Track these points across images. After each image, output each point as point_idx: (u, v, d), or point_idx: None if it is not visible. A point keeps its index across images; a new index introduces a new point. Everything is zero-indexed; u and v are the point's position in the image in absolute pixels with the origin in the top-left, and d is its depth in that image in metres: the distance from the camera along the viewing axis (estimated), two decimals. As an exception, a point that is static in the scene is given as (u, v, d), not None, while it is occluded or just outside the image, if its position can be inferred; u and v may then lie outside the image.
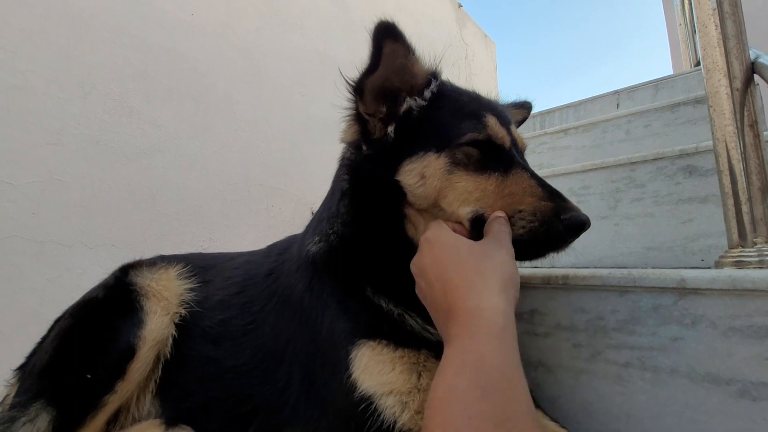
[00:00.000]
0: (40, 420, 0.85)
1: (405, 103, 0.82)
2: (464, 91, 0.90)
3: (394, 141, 0.82)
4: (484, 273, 0.65)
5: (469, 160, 0.78)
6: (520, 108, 1.15)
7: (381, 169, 0.82)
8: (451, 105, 0.84)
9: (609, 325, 0.92)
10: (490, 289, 0.63)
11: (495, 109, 0.86)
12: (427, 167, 0.79)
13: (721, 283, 0.78)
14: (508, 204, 0.76)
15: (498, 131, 0.81)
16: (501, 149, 0.82)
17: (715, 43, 1.06)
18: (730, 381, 0.77)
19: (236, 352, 0.95)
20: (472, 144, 0.79)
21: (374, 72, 0.79)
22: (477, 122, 0.80)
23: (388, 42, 0.76)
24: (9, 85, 1.44)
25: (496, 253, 0.68)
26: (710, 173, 1.34)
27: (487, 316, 0.59)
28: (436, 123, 0.82)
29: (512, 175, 0.79)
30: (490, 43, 4.66)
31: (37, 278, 1.43)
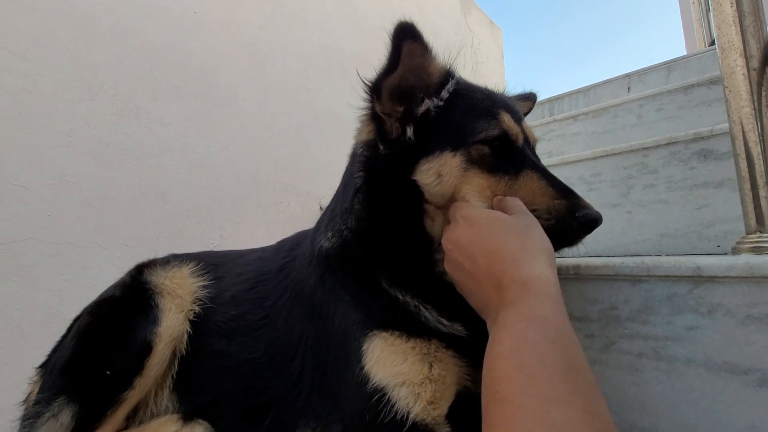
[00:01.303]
0: (63, 415, 0.88)
1: (423, 104, 0.83)
2: (477, 87, 0.90)
3: (416, 140, 0.82)
4: (530, 246, 0.67)
5: (483, 158, 0.80)
6: (526, 100, 1.14)
7: (397, 167, 0.83)
8: (466, 103, 0.84)
9: (622, 315, 0.91)
10: (538, 261, 0.65)
11: (508, 106, 0.86)
12: (443, 166, 0.80)
13: (739, 270, 0.77)
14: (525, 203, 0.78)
15: (512, 127, 0.82)
16: (514, 146, 0.82)
17: (731, 21, 1.02)
18: (748, 370, 0.76)
19: (250, 347, 0.97)
20: (486, 142, 0.79)
21: (393, 72, 0.79)
22: (492, 119, 0.81)
23: (407, 42, 0.77)
24: (19, 89, 1.46)
25: (534, 227, 0.70)
26: (726, 157, 1.31)
27: (543, 282, 0.62)
28: (451, 122, 0.82)
29: (523, 176, 0.80)
30: (496, 30, 4.57)
31: (54, 278, 1.46)
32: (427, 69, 0.82)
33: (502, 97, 0.91)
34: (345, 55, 2.73)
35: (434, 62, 0.82)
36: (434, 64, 0.82)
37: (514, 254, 0.66)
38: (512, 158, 0.81)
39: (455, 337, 0.79)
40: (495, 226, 0.71)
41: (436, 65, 0.83)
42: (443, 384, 0.76)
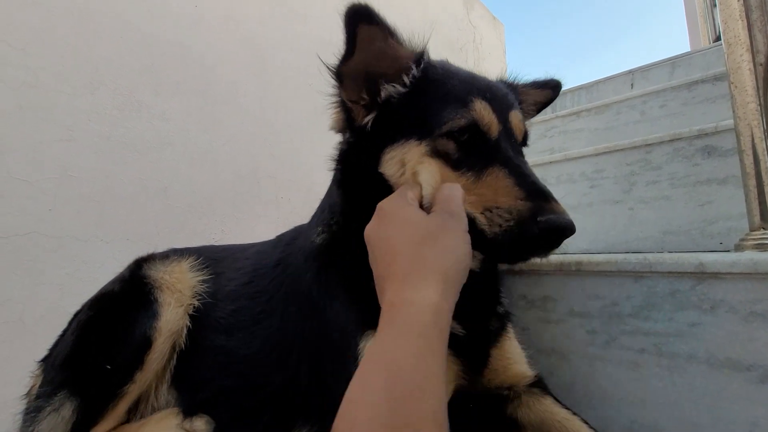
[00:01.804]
0: (64, 409, 0.89)
1: (383, 91, 0.77)
2: (458, 72, 0.82)
3: (376, 129, 0.78)
4: (425, 259, 0.60)
5: (448, 150, 0.73)
6: (542, 88, 1.00)
7: (365, 157, 0.79)
8: (439, 89, 0.77)
9: (624, 311, 0.91)
10: (427, 279, 0.58)
11: (488, 93, 0.77)
12: (407, 154, 0.75)
13: (742, 267, 0.76)
14: (480, 202, 0.70)
15: (483, 117, 0.73)
16: (485, 138, 0.74)
17: (738, 16, 1.01)
18: (751, 366, 0.75)
19: (248, 342, 0.97)
20: (451, 134, 0.73)
21: (350, 58, 0.75)
22: (461, 108, 0.73)
23: (362, 26, 0.71)
24: (21, 83, 1.46)
25: (444, 233, 0.62)
26: (730, 153, 1.30)
27: (414, 311, 0.55)
28: (420, 109, 0.76)
29: (488, 173, 0.71)
30: (498, 26, 4.54)
31: (56, 272, 1.47)
32: (392, 54, 0.76)
33: (487, 83, 0.82)
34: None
35: (401, 46, 0.76)
36: (401, 49, 0.76)
37: (403, 269, 0.60)
38: (481, 152, 0.73)
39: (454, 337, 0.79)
40: (401, 229, 0.64)
41: (404, 49, 0.76)
42: None
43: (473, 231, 0.67)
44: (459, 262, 0.61)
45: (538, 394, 0.87)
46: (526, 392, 0.87)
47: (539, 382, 0.89)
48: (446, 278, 0.58)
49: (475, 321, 0.82)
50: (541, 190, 0.69)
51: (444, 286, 0.58)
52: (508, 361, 0.87)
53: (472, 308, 0.82)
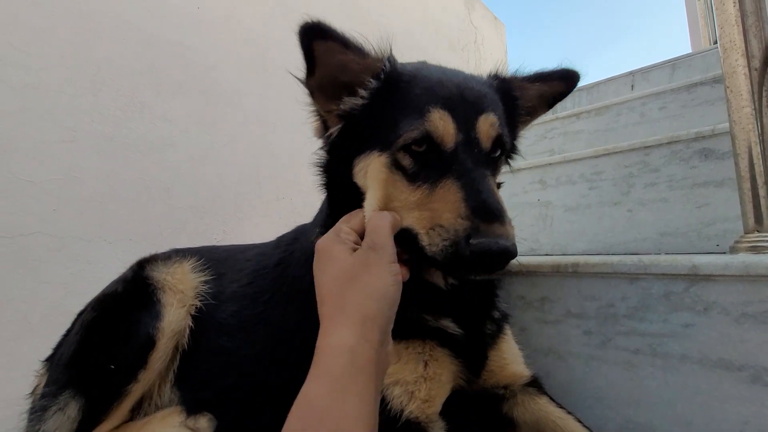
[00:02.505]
0: (69, 408, 0.90)
1: (343, 104, 0.77)
2: (427, 77, 0.77)
3: (344, 139, 0.79)
4: (345, 301, 0.61)
5: (405, 163, 0.71)
6: (549, 80, 0.89)
7: (341, 166, 0.80)
8: (401, 98, 0.74)
9: (619, 312, 0.92)
10: (346, 322, 0.59)
11: (452, 100, 0.73)
12: (370, 166, 0.75)
13: (735, 269, 0.78)
14: (430, 218, 0.68)
15: (437, 129, 0.69)
16: (440, 150, 0.70)
17: (733, 21, 1.02)
18: (742, 367, 0.77)
19: (249, 342, 0.98)
20: (406, 147, 0.70)
21: (313, 75, 0.75)
22: (417, 119, 0.70)
23: (317, 42, 0.71)
24: (24, 84, 1.47)
25: (365, 270, 0.62)
26: (727, 156, 1.31)
27: (332, 354, 0.57)
28: (381, 120, 0.75)
29: (441, 187, 0.68)
30: (500, 26, 4.54)
31: (60, 272, 1.48)
32: (351, 66, 0.75)
33: (458, 87, 0.75)
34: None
35: (358, 58, 0.74)
36: (359, 61, 0.74)
37: (328, 311, 0.62)
38: (437, 164, 0.70)
39: (450, 336, 0.80)
40: (328, 269, 0.65)
41: (363, 61, 0.75)
42: (438, 382, 0.77)
43: (416, 248, 0.68)
44: (380, 299, 0.61)
45: (533, 394, 0.88)
46: (522, 392, 0.89)
47: (535, 381, 0.91)
48: (365, 318, 0.59)
49: (470, 323, 0.83)
50: (487, 207, 0.65)
51: (362, 326, 0.59)
52: (504, 362, 0.88)
53: (467, 311, 0.83)
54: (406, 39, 3.25)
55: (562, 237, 1.63)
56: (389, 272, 0.62)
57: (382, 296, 0.61)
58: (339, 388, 0.54)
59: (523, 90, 0.88)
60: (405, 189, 0.70)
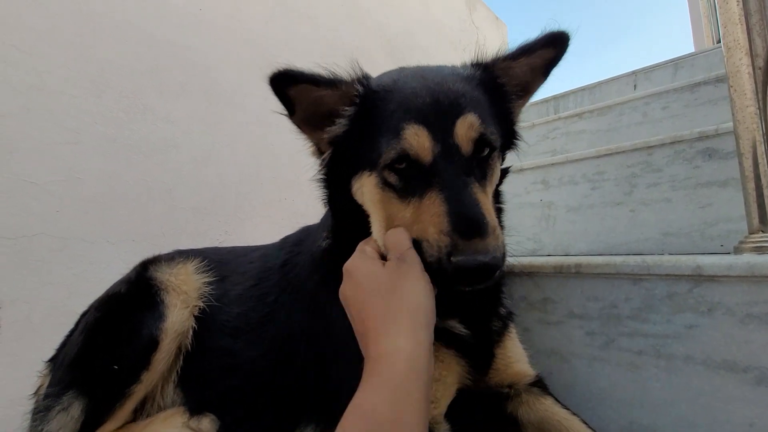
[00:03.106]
0: (73, 409, 0.91)
1: (326, 133, 0.80)
2: (401, 89, 0.76)
3: (337, 162, 0.81)
4: (393, 312, 0.62)
5: (392, 181, 0.72)
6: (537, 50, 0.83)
7: (339, 184, 0.82)
8: (379, 115, 0.75)
9: (622, 313, 0.92)
10: (397, 330, 0.60)
11: (425, 111, 0.71)
12: (364, 186, 0.77)
13: (739, 270, 0.77)
14: (421, 232, 0.68)
15: (413, 146, 0.69)
16: (420, 166, 0.70)
17: (737, 20, 1.01)
18: (747, 368, 0.76)
19: (254, 343, 0.98)
20: (388, 166, 0.71)
21: (293, 115, 0.79)
22: (392, 138, 0.70)
23: (289, 88, 0.74)
24: (27, 86, 1.48)
25: (403, 281, 0.64)
26: (731, 156, 1.30)
27: (389, 362, 0.57)
28: (364, 142, 0.76)
29: (426, 199, 0.68)
30: (501, 26, 4.54)
31: (63, 273, 1.49)
32: (325, 99, 0.77)
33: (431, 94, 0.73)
34: (349, 51, 2.73)
35: (330, 91, 0.76)
36: (330, 93, 0.76)
37: (375, 323, 0.62)
38: (420, 177, 0.70)
39: (456, 336, 0.80)
40: (364, 285, 0.66)
41: (334, 92, 0.76)
42: (444, 384, 0.78)
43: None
44: (422, 304, 0.63)
45: (538, 394, 0.88)
46: (527, 391, 0.89)
47: (540, 381, 0.91)
48: (414, 323, 0.61)
49: (477, 322, 0.83)
50: (468, 221, 0.64)
51: (413, 331, 0.60)
52: (509, 360, 0.88)
53: (474, 309, 0.84)
54: (407, 39, 3.25)
55: (564, 237, 1.63)
56: (424, 279, 0.65)
57: (423, 301, 0.63)
58: (400, 397, 0.55)
59: (509, 71, 0.84)
60: (398, 206, 0.72)
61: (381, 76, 0.83)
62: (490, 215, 0.67)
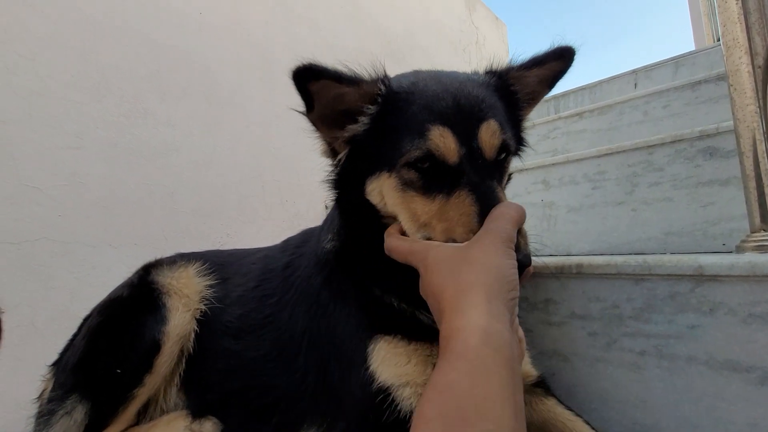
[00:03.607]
0: (76, 412, 0.91)
1: (346, 131, 0.79)
2: (423, 91, 0.77)
3: (353, 162, 0.81)
4: (465, 285, 0.59)
5: (414, 180, 0.73)
6: (545, 63, 0.88)
7: (352, 185, 0.82)
8: (399, 118, 0.76)
9: (624, 314, 0.91)
10: (470, 303, 0.57)
11: (450, 113, 0.73)
12: (383, 186, 0.77)
13: (741, 269, 0.77)
14: (446, 230, 0.70)
15: (439, 146, 0.70)
16: (446, 166, 0.71)
17: (736, 18, 1.01)
18: (750, 368, 0.76)
19: (256, 345, 0.99)
20: (410, 165, 0.72)
21: (312, 111, 0.78)
22: (417, 138, 0.71)
23: (312, 83, 0.74)
24: (30, 91, 1.49)
25: (481, 253, 0.61)
26: (732, 155, 1.30)
27: (462, 337, 0.54)
28: (384, 141, 0.76)
29: (455, 197, 0.70)
30: (501, 26, 4.54)
31: (66, 277, 1.49)
32: (347, 97, 0.77)
33: (455, 97, 0.75)
34: (350, 53, 2.73)
35: (352, 89, 0.76)
36: (353, 91, 0.76)
37: (449, 301, 0.60)
38: (445, 177, 0.71)
39: None
40: (438, 268, 0.64)
41: (357, 90, 0.76)
42: None
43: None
44: (501, 278, 0.59)
45: (541, 395, 0.88)
46: (529, 392, 0.88)
47: (542, 382, 0.91)
48: (490, 297, 0.57)
49: None
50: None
51: (488, 305, 0.56)
52: None
53: None
54: (407, 40, 3.25)
55: (565, 237, 1.63)
56: (505, 253, 0.61)
57: (502, 275, 0.59)
58: (478, 371, 0.51)
59: (521, 80, 0.87)
60: (423, 201, 0.73)
61: (399, 77, 0.84)
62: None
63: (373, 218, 0.82)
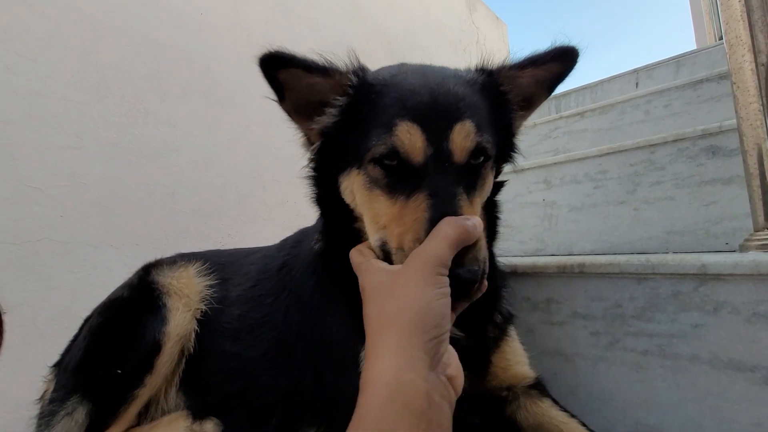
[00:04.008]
0: (77, 413, 0.91)
1: (316, 123, 0.76)
2: (399, 85, 0.72)
3: (325, 156, 0.78)
4: (386, 321, 0.53)
5: (379, 178, 0.68)
6: (543, 63, 0.80)
7: (327, 182, 0.79)
8: (372, 109, 0.71)
9: (627, 313, 0.91)
10: (386, 346, 0.51)
11: (423, 109, 0.67)
12: (353, 184, 0.73)
13: (745, 268, 0.76)
14: (399, 237, 0.64)
15: (403, 144, 0.65)
16: (410, 166, 0.66)
17: (739, 16, 1.01)
18: (754, 368, 0.76)
19: (254, 345, 0.99)
20: (378, 160, 0.67)
21: (283, 101, 0.75)
22: (383, 134, 0.66)
23: (280, 72, 0.71)
24: (30, 91, 1.49)
25: (403, 284, 0.54)
26: (734, 153, 1.29)
27: (371, 391, 0.49)
28: (356, 134, 0.72)
29: (412, 200, 0.64)
30: (501, 26, 4.53)
31: (67, 277, 1.49)
32: (317, 87, 0.74)
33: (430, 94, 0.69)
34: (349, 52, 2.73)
35: (323, 79, 0.73)
36: (322, 81, 0.73)
37: (372, 337, 0.54)
38: (410, 177, 0.66)
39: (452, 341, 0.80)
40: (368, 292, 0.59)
41: (327, 80, 0.73)
42: None
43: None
44: (421, 313, 0.52)
45: (536, 396, 0.87)
46: (525, 394, 0.88)
47: (538, 383, 0.90)
48: (405, 337, 0.51)
49: (471, 326, 0.82)
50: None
51: (403, 350, 0.50)
52: (507, 363, 0.87)
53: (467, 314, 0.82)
54: (407, 40, 3.25)
55: (567, 237, 1.62)
56: (432, 283, 0.54)
57: (423, 311, 0.52)
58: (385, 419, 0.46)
59: (514, 80, 0.80)
60: (385, 202, 0.67)
61: (380, 70, 0.80)
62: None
63: (348, 218, 0.77)
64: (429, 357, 0.51)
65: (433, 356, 0.52)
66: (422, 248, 0.57)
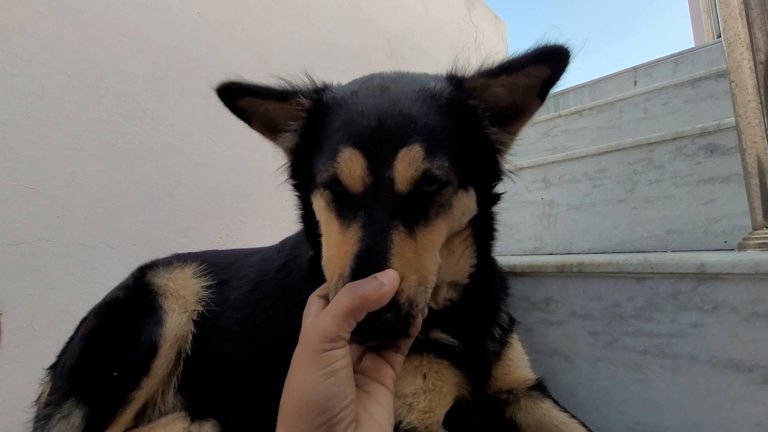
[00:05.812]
0: (73, 416, 0.90)
1: (278, 145, 0.78)
2: (351, 105, 0.68)
3: (297, 172, 0.79)
4: (280, 413, 0.51)
5: (330, 202, 0.66)
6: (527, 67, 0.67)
7: (303, 199, 0.79)
8: (324, 132, 0.69)
9: (626, 313, 0.91)
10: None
11: (368, 134, 0.63)
12: (318, 205, 0.70)
13: (743, 267, 0.76)
14: (334, 267, 0.60)
15: (344, 171, 0.61)
16: (350, 194, 0.62)
17: (737, 14, 1.00)
18: (753, 367, 0.75)
19: (254, 349, 0.98)
20: (328, 185, 0.64)
21: (251, 125, 0.77)
22: (329, 159, 0.63)
23: (238, 100, 0.73)
24: (27, 93, 1.48)
25: (293, 365, 0.52)
26: (733, 151, 1.29)
27: None
28: (314, 154, 0.70)
29: (347, 233, 0.60)
30: (500, 24, 4.53)
31: (65, 278, 1.49)
32: (273, 113, 0.75)
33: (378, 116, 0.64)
34: (349, 53, 2.73)
35: (276, 105, 0.74)
36: (276, 107, 0.74)
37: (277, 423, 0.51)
38: (351, 206, 0.62)
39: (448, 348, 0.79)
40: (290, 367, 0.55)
41: (281, 106, 0.73)
42: (439, 393, 0.77)
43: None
44: (305, 402, 0.48)
45: (536, 398, 0.87)
46: (525, 395, 0.87)
47: (539, 385, 0.90)
48: (288, 428, 0.48)
49: (469, 337, 0.82)
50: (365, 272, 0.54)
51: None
52: (508, 368, 0.87)
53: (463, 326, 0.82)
54: (406, 40, 3.24)
55: (566, 236, 1.62)
56: (315, 363, 0.49)
57: (307, 397, 0.48)
58: None
59: (485, 90, 0.70)
60: (336, 227, 0.64)
61: (346, 85, 0.77)
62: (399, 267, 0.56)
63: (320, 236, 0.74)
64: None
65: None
66: (311, 324, 0.54)
